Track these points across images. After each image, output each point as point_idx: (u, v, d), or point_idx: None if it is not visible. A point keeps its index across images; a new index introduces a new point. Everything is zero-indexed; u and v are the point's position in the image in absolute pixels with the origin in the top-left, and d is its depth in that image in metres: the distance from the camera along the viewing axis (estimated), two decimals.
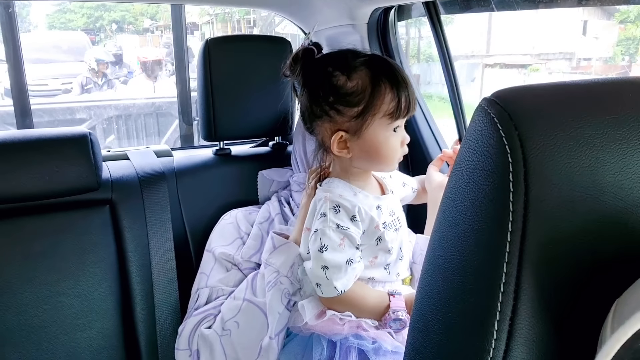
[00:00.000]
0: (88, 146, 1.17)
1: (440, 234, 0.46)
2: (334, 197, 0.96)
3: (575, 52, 8.65)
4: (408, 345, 0.51)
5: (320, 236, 0.93)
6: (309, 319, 0.95)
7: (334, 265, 0.91)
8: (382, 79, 0.91)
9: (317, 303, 0.97)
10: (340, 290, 0.91)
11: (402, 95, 0.91)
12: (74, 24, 14.44)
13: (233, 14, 14.78)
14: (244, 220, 1.22)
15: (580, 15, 8.72)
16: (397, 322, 0.95)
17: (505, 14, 9.29)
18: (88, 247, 1.19)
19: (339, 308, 0.95)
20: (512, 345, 0.39)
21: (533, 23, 8.44)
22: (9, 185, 1.12)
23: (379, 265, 0.99)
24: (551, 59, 8.74)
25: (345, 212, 0.94)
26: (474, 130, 0.42)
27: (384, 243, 0.97)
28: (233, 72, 1.30)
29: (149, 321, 1.20)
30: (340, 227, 0.93)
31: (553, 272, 0.39)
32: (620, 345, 0.32)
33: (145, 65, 7.92)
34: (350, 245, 0.93)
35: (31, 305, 1.15)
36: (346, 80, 0.91)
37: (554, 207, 0.38)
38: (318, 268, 0.92)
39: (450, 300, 0.44)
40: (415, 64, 9.01)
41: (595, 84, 0.43)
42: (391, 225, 0.99)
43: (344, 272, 0.91)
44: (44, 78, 6.96)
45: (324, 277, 0.91)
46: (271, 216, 1.22)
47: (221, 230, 1.22)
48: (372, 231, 0.96)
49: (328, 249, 0.92)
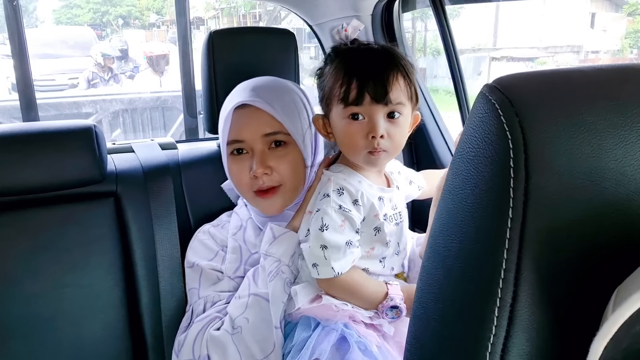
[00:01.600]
0: (93, 139, 1.17)
1: (440, 222, 0.46)
2: (339, 180, 0.96)
3: (583, 44, 8.60)
4: (409, 334, 0.51)
5: (322, 215, 0.93)
6: (302, 304, 0.94)
7: (333, 245, 0.91)
8: (342, 64, 0.93)
9: (311, 289, 0.97)
10: (337, 271, 0.91)
11: (352, 82, 0.90)
12: (80, 19, 14.49)
13: (239, 8, 14.77)
14: (218, 235, 1.17)
15: (588, 7, 8.65)
16: (394, 309, 0.94)
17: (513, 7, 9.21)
18: (93, 239, 1.20)
19: (335, 292, 0.94)
20: (512, 332, 0.39)
21: (540, 16, 8.39)
22: (14, 178, 1.13)
23: (374, 257, 0.98)
24: (559, 52, 8.69)
25: (348, 195, 0.94)
26: (475, 117, 0.42)
27: (382, 234, 0.96)
28: (237, 64, 1.30)
29: (154, 312, 1.21)
30: (342, 209, 0.93)
31: (554, 259, 0.39)
32: (619, 326, 0.31)
33: (152, 60, 7.93)
34: (350, 228, 0.93)
35: (37, 296, 1.15)
36: (325, 66, 0.97)
37: (555, 194, 0.38)
38: (317, 247, 0.92)
39: (450, 288, 0.44)
40: (421, 57, 8.97)
41: (597, 70, 0.43)
42: (392, 219, 0.99)
43: (343, 254, 0.91)
44: (51, 73, 6.99)
45: (322, 257, 0.91)
46: (242, 224, 1.17)
47: (198, 248, 1.18)
48: (371, 219, 0.95)
49: (329, 229, 0.91)
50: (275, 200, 1.05)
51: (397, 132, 0.93)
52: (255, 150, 1.04)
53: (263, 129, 1.03)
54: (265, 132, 1.03)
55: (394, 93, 0.90)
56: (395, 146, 0.94)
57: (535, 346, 0.40)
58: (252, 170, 1.02)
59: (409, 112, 0.95)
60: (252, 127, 1.04)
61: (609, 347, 0.32)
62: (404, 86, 0.92)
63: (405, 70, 0.92)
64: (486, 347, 0.40)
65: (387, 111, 0.91)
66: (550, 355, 0.40)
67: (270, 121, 1.03)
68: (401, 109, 0.92)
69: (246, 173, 1.04)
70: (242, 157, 1.06)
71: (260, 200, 1.05)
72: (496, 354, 0.40)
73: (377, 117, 0.90)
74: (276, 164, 1.03)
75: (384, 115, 0.91)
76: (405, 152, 1.63)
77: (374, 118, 0.90)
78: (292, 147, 1.06)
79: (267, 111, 1.03)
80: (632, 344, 0.32)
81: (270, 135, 1.04)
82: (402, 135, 0.95)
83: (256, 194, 1.05)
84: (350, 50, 0.95)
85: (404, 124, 0.94)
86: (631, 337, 0.31)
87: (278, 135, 1.04)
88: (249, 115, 1.04)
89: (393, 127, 0.92)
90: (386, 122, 0.91)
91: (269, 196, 1.04)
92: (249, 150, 1.05)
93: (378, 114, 0.91)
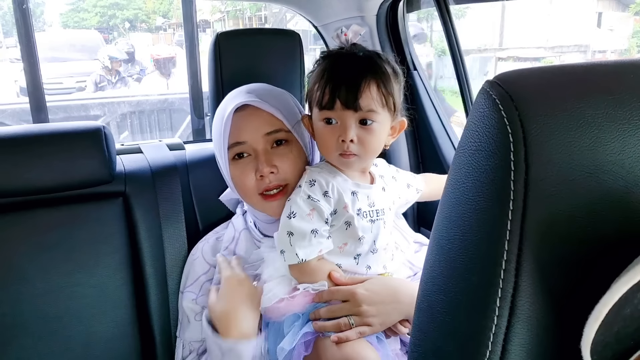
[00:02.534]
0: (102, 139, 1.19)
1: (443, 215, 0.47)
2: (313, 173, 1.00)
3: (590, 44, 8.56)
4: (414, 326, 0.52)
5: (291, 204, 0.97)
6: (282, 295, 0.96)
7: (298, 232, 0.94)
8: (325, 68, 0.95)
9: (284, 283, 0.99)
10: (302, 258, 0.93)
11: (326, 87, 0.93)
12: (87, 23, 14.59)
13: (245, 11, 14.82)
14: (209, 253, 1.17)
15: (595, 6, 8.61)
16: None
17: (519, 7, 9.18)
18: (102, 238, 1.21)
19: (304, 279, 0.97)
20: (513, 322, 0.40)
21: (547, 15, 8.36)
22: (24, 178, 1.14)
23: (348, 254, 0.99)
24: (565, 52, 8.65)
25: (319, 187, 0.97)
26: (476, 112, 0.43)
27: (353, 229, 0.97)
28: (243, 66, 1.31)
29: (163, 310, 1.22)
30: (310, 198, 0.96)
31: (554, 250, 0.40)
32: (609, 308, 0.32)
33: (159, 63, 7.98)
34: (319, 217, 0.96)
35: (47, 295, 1.17)
36: (314, 67, 0.99)
37: (555, 186, 0.39)
38: (284, 233, 0.95)
39: (453, 279, 0.45)
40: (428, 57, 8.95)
41: (596, 65, 0.44)
42: (366, 215, 0.99)
43: (308, 241, 0.94)
44: (59, 76, 7.05)
45: (288, 243, 0.94)
46: (235, 236, 1.17)
47: (187, 269, 1.19)
48: (340, 212, 0.97)
49: (296, 217, 0.95)
50: (282, 202, 1.04)
51: (369, 138, 0.95)
52: (259, 151, 1.04)
53: (264, 128, 1.04)
54: (266, 131, 1.04)
55: (365, 100, 0.92)
56: (368, 151, 0.96)
57: (536, 335, 0.41)
58: (257, 171, 1.03)
59: (384, 119, 0.96)
60: (252, 127, 1.04)
61: (601, 331, 0.33)
62: (376, 94, 0.93)
63: (382, 79, 0.94)
64: (488, 337, 0.41)
65: (359, 117, 0.94)
66: (550, 344, 0.41)
67: (270, 119, 1.04)
68: (373, 116, 0.94)
69: (251, 176, 1.04)
70: (244, 160, 1.05)
71: (267, 203, 1.05)
72: (498, 344, 0.41)
73: (349, 123, 0.93)
74: (280, 163, 1.04)
75: (356, 121, 0.94)
76: (410, 152, 1.64)
77: (345, 123, 0.93)
78: (293, 145, 1.07)
79: (266, 110, 1.04)
80: (623, 327, 0.33)
81: (271, 133, 1.04)
82: (377, 141, 0.97)
83: (263, 197, 1.05)
84: (335, 56, 0.98)
85: (378, 131, 0.96)
86: (622, 320, 0.32)
87: (279, 133, 1.05)
88: (248, 116, 1.04)
89: (365, 133, 0.94)
90: (358, 128, 0.94)
91: (277, 198, 1.04)
92: (251, 152, 1.05)
93: (349, 119, 0.93)
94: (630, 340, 0.36)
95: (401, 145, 1.61)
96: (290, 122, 1.06)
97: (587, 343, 0.34)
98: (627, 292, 0.33)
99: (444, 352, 0.47)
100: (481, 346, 0.42)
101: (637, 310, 0.35)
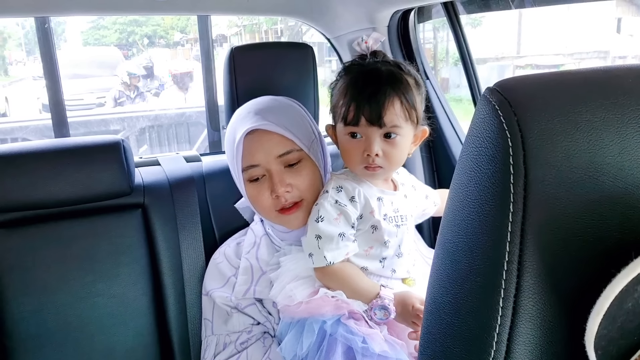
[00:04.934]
0: (121, 152, 1.22)
1: (448, 219, 0.48)
2: (340, 179, 1.04)
3: (610, 50, 8.45)
4: (423, 329, 0.53)
5: (319, 208, 1.01)
6: (301, 298, 0.98)
7: (326, 235, 0.97)
8: (348, 84, 0.98)
9: (304, 284, 1.02)
10: (330, 260, 0.97)
11: (351, 104, 0.96)
12: (107, 40, 14.86)
13: (261, 25, 14.97)
14: (233, 257, 1.19)
15: (614, 12, 8.51)
16: (383, 310, 0.97)
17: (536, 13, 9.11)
18: (122, 249, 1.24)
19: (329, 282, 1.00)
20: (517, 321, 0.41)
21: (565, 22, 8.29)
22: (47, 191, 1.18)
23: (374, 257, 1.02)
24: (585, 58, 8.56)
25: (345, 193, 1.01)
26: (478, 119, 0.44)
27: (380, 233, 1.00)
28: (257, 79, 1.34)
29: (181, 320, 1.25)
30: (338, 203, 1.00)
31: (555, 251, 0.41)
32: (610, 302, 0.33)
33: (176, 77, 8.11)
34: (345, 222, 0.99)
35: (69, 305, 1.20)
36: (337, 80, 1.03)
37: (554, 188, 0.40)
38: (312, 237, 0.99)
39: (458, 281, 0.46)
40: (444, 67, 8.94)
41: (594, 71, 0.45)
42: (392, 220, 1.03)
43: (335, 244, 0.97)
44: (79, 93, 7.21)
45: (316, 246, 0.97)
46: (256, 242, 1.19)
47: (213, 273, 1.20)
48: (367, 217, 1.00)
49: (324, 220, 0.99)
50: (298, 215, 1.07)
51: (394, 151, 0.98)
52: (273, 172, 1.06)
53: (276, 150, 1.06)
54: (278, 154, 1.06)
55: (388, 117, 0.95)
56: (392, 163, 1.00)
57: (541, 334, 0.42)
58: (273, 191, 1.05)
59: (407, 131, 0.99)
60: (264, 150, 1.06)
61: (604, 324, 0.34)
62: (400, 110, 0.96)
63: (404, 93, 0.96)
64: (492, 337, 0.42)
65: (383, 132, 0.96)
66: (555, 343, 0.42)
67: (282, 141, 1.06)
68: (397, 130, 0.97)
69: (267, 196, 1.07)
70: (259, 181, 1.08)
71: (284, 217, 1.08)
72: (502, 343, 0.42)
73: (373, 138, 0.96)
74: (294, 180, 1.06)
75: (380, 136, 0.97)
76: (425, 160, 1.64)
77: (370, 138, 0.97)
78: (306, 161, 1.08)
79: (277, 132, 1.06)
80: (626, 322, 0.33)
81: (283, 155, 1.06)
82: (401, 153, 1.00)
83: (280, 212, 1.07)
84: (357, 71, 1.00)
85: (402, 143, 0.99)
86: (624, 313, 0.33)
87: (291, 154, 1.07)
88: (259, 139, 1.06)
89: (389, 146, 0.97)
90: (382, 142, 0.97)
91: (293, 212, 1.07)
92: (265, 172, 1.07)
93: (374, 134, 0.96)
94: (634, 336, 0.37)
95: (415, 154, 1.62)
96: (302, 141, 1.08)
97: (591, 338, 0.35)
98: (627, 284, 0.34)
99: (452, 353, 0.48)
100: (486, 346, 0.43)
101: (638, 304, 0.36)
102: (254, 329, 1.10)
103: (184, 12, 1.92)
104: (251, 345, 1.08)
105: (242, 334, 1.10)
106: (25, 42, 13.54)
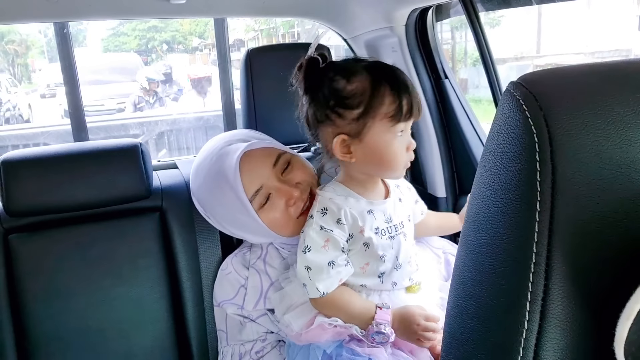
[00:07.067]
0: (139, 156, 1.22)
1: (471, 219, 0.46)
2: (324, 200, 0.97)
3: (632, 48, 8.30)
4: (445, 334, 0.51)
5: (305, 237, 0.96)
6: (298, 329, 0.97)
7: (315, 266, 0.93)
8: (382, 81, 0.90)
9: (301, 313, 0.99)
10: (322, 291, 0.93)
11: (403, 98, 0.89)
12: (127, 46, 15.07)
13: (278, 29, 15.04)
14: (240, 267, 1.18)
15: (635, 10, 8.36)
16: (380, 335, 0.93)
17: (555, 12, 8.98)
18: (140, 252, 1.24)
19: (325, 311, 0.97)
20: (545, 326, 0.39)
21: (585, 20, 8.16)
22: (67, 195, 1.18)
23: (371, 274, 0.98)
24: (606, 57, 8.41)
25: (330, 216, 0.95)
26: (501, 114, 0.42)
27: (373, 249, 0.95)
28: (274, 80, 1.33)
29: (200, 323, 1.24)
30: (323, 229, 0.94)
31: (585, 251, 0.39)
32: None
33: (195, 82, 8.18)
34: (334, 248, 0.94)
35: (88, 309, 1.20)
36: (346, 83, 0.90)
37: (583, 185, 0.38)
38: (302, 268, 0.94)
39: (482, 284, 0.44)
40: (462, 68, 8.87)
41: (623, 63, 0.43)
42: (384, 232, 0.97)
43: (326, 274, 0.93)
44: (100, 98, 7.32)
45: (307, 277, 0.94)
46: (263, 250, 1.17)
47: (222, 283, 1.19)
48: (357, 236, 0.95)
49: (311, 250, 0.94)
50: None
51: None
52: (278, 181, 1.06)
53: (268, 161, 1.07)
54: (272, 164, 1.07)
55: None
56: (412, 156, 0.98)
57: (569, 339, 0.39)
58: (290, 199, 1.04)
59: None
60: (258, 169, 1.06)
61: (634, 329, 0.32)
62: None
63: None
64: (519, 342, 0.40)
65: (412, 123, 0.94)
66: (584, 348, 0.40)
67: (266, 153, 1.08)
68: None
69: (284, 212, 1.06)
70: (270, 201, 1.06)
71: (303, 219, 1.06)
72: (529, 349, 0.40)
73: (408, 131, 0.94)
74: (298, 178, 1.08)
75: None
76: (445, 162, 1.61)
77: (407, 132, 0.93)
78: (294, 158, 1.12)
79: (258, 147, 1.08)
80: None
81: (276, 163, 1.07)
82: None
83: (302, 217, 1.06)
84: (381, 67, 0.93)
85: None
86: None
87: (281, 158, 1.08)
88: (249, 160, 1.06)
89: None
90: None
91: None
92: (270, 190, 1.06)
93: (408, 127, 0.94)
94: None
95: (434, 156, 1.59)
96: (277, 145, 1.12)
97: (621, 343, 0.33)
98: None
99: (476, 359, 0.46)
100: (512, 352, 0.41)
101: None
102: (268, 337, 1.09)
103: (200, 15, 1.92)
104: (267, 353, 1.07)
105: (257, 343, 1.09)
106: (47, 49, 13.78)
